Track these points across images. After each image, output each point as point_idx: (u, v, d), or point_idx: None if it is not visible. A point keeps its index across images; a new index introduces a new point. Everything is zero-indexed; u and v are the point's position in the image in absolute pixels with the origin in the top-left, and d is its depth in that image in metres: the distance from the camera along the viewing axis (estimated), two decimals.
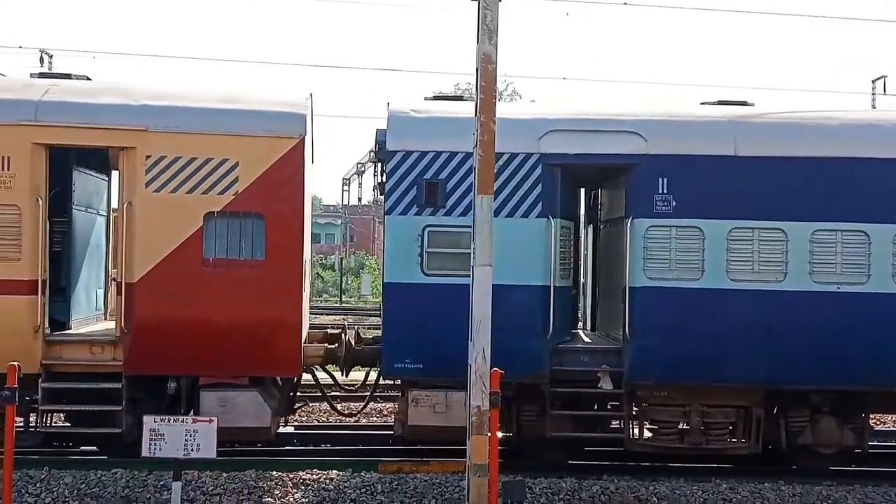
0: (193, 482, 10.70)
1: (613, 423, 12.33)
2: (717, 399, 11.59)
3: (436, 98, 12.83)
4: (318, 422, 16.28)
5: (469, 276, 9.22)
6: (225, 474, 10.96)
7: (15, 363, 9.14)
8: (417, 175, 11.39)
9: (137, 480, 10.76)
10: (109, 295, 13.87)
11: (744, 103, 12.62)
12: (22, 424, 11.41)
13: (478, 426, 8.96)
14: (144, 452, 9.35)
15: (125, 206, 11.08)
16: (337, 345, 12.37)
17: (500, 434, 9.64)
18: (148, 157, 11.03)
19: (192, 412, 11.41)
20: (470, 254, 9.29)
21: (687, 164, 11.41)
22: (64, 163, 12.15)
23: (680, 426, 11.73)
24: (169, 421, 9.44)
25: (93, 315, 13.50)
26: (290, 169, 11.21)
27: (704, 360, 11.33)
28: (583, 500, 10.75)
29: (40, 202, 10.94)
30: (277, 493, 10.57)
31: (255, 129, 11.24)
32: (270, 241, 11.16)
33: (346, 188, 63.45)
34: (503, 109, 11.90)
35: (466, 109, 11.81)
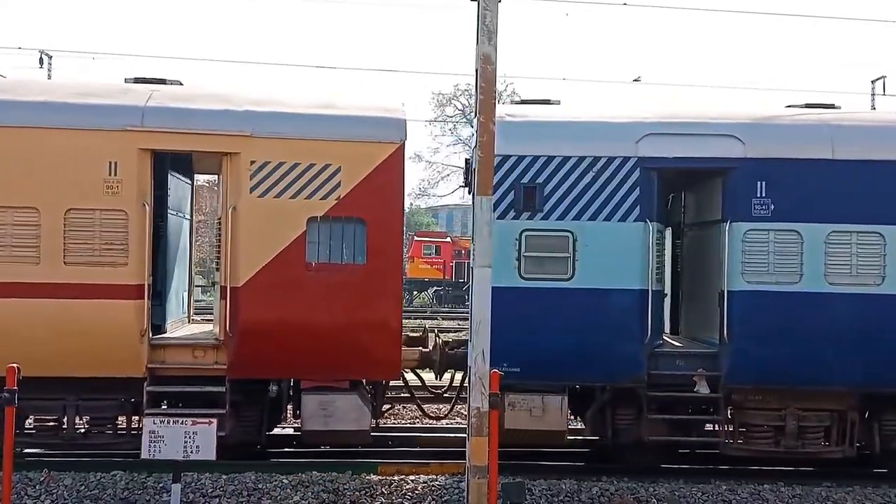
0: (193, 484, 10.70)
1: (707, 426, 12.33)
2: (813, 403, 11.60)
3: (522, 102, 12.82)
4: None
5: (566, 280, 9.51)
6: (224, 476, 10.96)
7: (14, 365, 9.11)
8: (515, 179, 11.44)
9: (137, 482, 10.76)
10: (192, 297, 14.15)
11: (831, 106, 12.65)
12: (124, 427, 11.58)
13: (477, 427, 8.96)
14: (144, 454, 9.34)
15: (230, 211, 11.10)
16: (431, 348, 12.47)
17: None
18: (252, 162, 11.11)
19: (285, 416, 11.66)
20: (568, 258, 9.60)
21: (785, 167, 11.39)
22: (161, 167, 12.20)
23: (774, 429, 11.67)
24: (168, 422, 9.42)
25: (180, 318, 13.61)
26: (390, 174, 11.27)
27: (801, 364, 11.30)
28: (582, 501, 10.74)
29: (146, 207, 10.99)
30: (277, 495, 10.57)
31: (357, 134, 11.30)
32: (371, 245, 11.25)
33: None
34: (600, 112, 12.12)
35: (560, 114, 11.97)
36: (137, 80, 12.07)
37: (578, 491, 10.97)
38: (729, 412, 11.75)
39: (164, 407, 11.46)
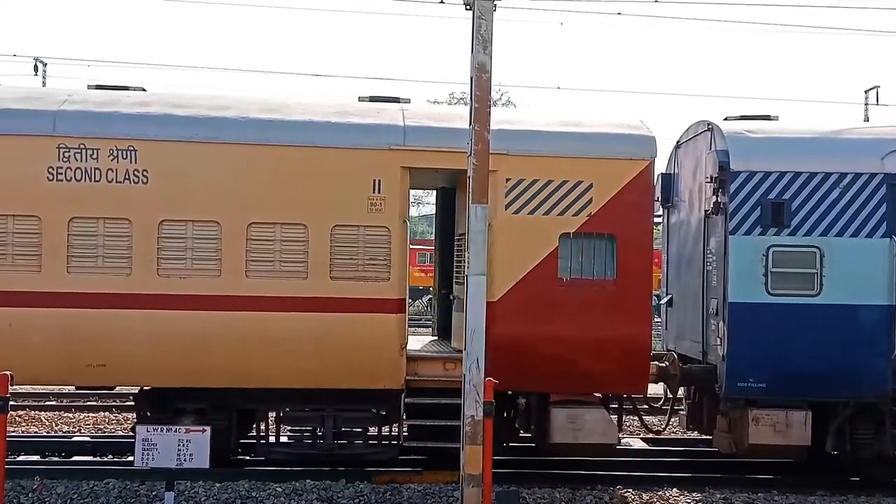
0: (186, 492, 10.67)
1: None
2: None
3: (742, 118, 12.80)
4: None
5: (813, 295, 9.99)
6: (218, 485, 10.94)
7: (8, 373, 9.08)
8: (762, 195, 11.49)
9: (130, 490, 10.73)
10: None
11: None
12: (383, 436, 11.69)
13: (472, 436, 8.96)
14: (137, 462, 9.32)
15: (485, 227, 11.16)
16: (669, 363, 12.51)
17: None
18: (508, 180, 11.23)
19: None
20: (814, 274, 10.06)
21: None
22: None
23: None
24: (162, 430, 9.41)
25: None
26: (640, 190, 11.36)
27: None
28: None
29: (406, 223, 11.25)
30: (270, 503, 10.54)
31: (609, 151, 11.40)
32: (622, 261, 11.30)
33: None
34: (840, 128, 12.31)
35: (802, 129, 12.14)
36: (373, 99, 12.26)
37: (573, 499, 10.96)
38: None
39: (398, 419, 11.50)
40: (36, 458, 13.20)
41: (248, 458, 13.47)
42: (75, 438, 14.22)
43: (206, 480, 10.98)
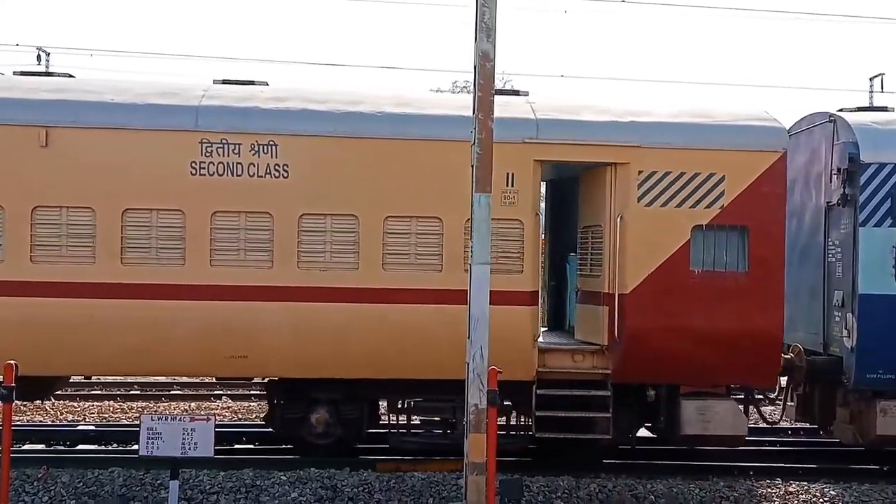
0: (191, 481, 10.70)
1: None
2: None
3: (858, 109, 12.91)
4: None
5: None
6: (222, 473, 10.96)
7: (12, 362, 9.11)
8: (892, 186, 11.56)
9: (135, 479, 10.75)
10: None
11: None
12: (508, 428, 11.79)
13: (475, 424, 8.95)
14: (142, 451, 9.33)
15: (617, 219, 11.26)
16: (795, 355, 12.50)
17: None
18: (640, 172, 11.26)
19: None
20: None
21: None
22: None
23: None
24: (166, 419, 9.43)
25: None
26: (773, 182, 11.34)
27: None
28: (580, 498, 10.76)
29: (539, 216, 11.33)
30: (275, 491, 10.57)
31: (742, 143, 11.40)
32: (753, 253, 11.30)
33: None
34: None
35: None
36: (499, 92, 12.15)
37: (576, 487, 10.98)
38: None
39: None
40: (41, 446, 13.26)
41: (251, 446, 13.56)
42: (80, 427, 14.28)
43: (211, 469, 11.01)
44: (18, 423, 13.67)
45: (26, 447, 13.03)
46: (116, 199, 10.80)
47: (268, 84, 12.02)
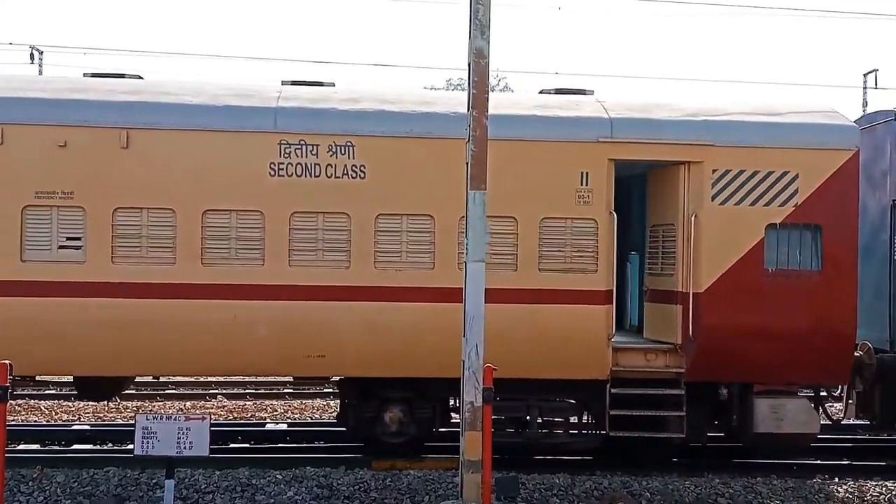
0: (186, 480, 10.68)
1: None
2: None
3: None
4: (311, 418, 16.30)
5: None
6: (218, 472, 10.95)
7: (7, 362, 9.09)
8: None
9: (130, 479, 10.74)
10: None
11: None
12: (579, 427, 11.83)
13: (471, 422, 8.95)
14: (137, 451, 9.32)
15: (692, 218, 11.30)
16: (864, 353, 12.49)
17: None
18: (714, 170, 11.31)
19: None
20: None
21: None
22: None
23: None
24: (162, 419, 9.41)
25: None
26: (846, 180, 11.40)
27: None
28: (576, 495, 10.76)
29: (613, 215, 11.28)
30: (271, 490, 10.56)
31: (815, 142, 11.45)
32: (827, 252, 11.37)
33: None
34: None
35: None
36: (559, 91, 12.29)
37: (572, 485, 10.98)
38: None
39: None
40: (36, 446, 13.24)
41: (247, 445, 13.55)
42: (75, 427, 14.25)
43: (207, 468, 11.00)
44: (13, 423, 13.65)
45: (21, 447, 13.00)
46: (196, 201, 10.86)
47: (335, 85, 12.08)
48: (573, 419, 11.93)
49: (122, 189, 10.79)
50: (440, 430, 12.07)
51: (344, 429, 12.61)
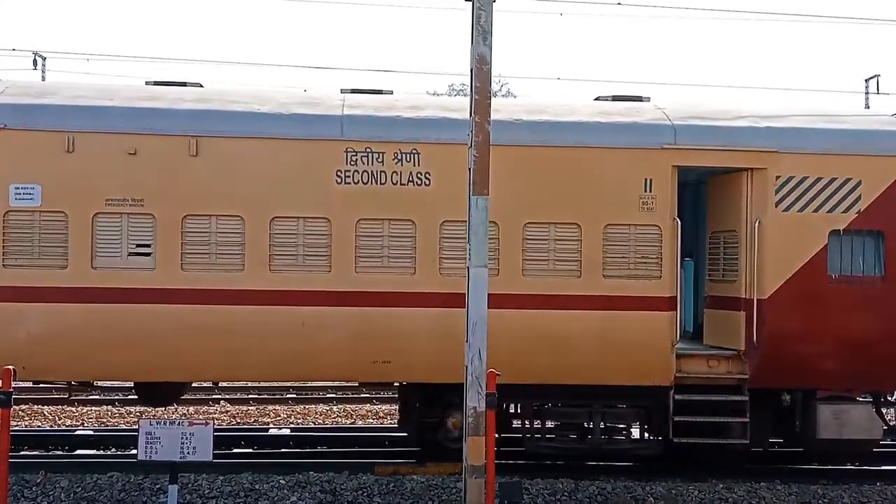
0: (190, 485, 10.69)
1: None
2: None
3: None
4: (314, 424, 16.30)
5: None
6: (221, 477, 10.95)
7: (10, 367, 9.10)
8: None
9: (133, 484, 10.75)
10: None
11: None
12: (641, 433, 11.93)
13: (474, 427, 8.96)
14: (140, 456, 9.32)
15: (755, 224, 11.29)
16: None
17: None
18: (778, 177, 11.32)
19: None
20: None
21: None
22: None
23: None
24: (165, 424, 9.41)
25: None
26: None
27: None
28: (580, 500, 10.75)
29: (677, 221, 11.29)
30: (274, 495, 10.56)
31: (878, 148, 11.49)
32: (889, 258, 11.40)
33: None
34: None
35: None
36: (617, 98, 12.35)
37: (576, 490, 10.98)
38: None
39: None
40: (39, 452, 13.25)
41: (250, 450, 13.56)
42: (78, 432, 14.28)
43: (210, 473, 11.00)
44: (16, 428, 13.66)
45: (24, 452, 13.01)
46: (264, 208, 10.91)
47: (392, 92, 12.16)
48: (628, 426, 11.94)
49: (192, 196, 10.85)
50: (502, 435, 12.03)
51: (405, 434, 12.67)
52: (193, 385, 19.06)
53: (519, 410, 11.93)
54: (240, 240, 10.88)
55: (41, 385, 16.79)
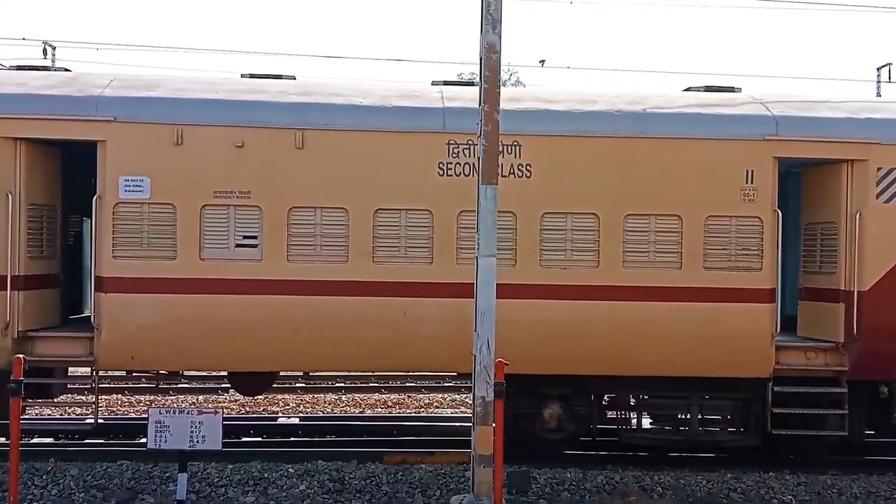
0: (199, 474, 10.73)
1: None
2: None
3: None
4: (323, 413, 16.33)
5: None
6: (230, 466, 11.00)
7: (20, 356, 9.14)
8: None
9: (143, 472, 10.79)
10: None
11: None
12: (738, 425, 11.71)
13: (482, 417, 8.96)
14: (150, 444, 9.36)
15: (855, 216, 11.26)
16: None
17: None
18: (879, 168, 11.29)
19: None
20: None
21: None
22: None
23: None
24: (174, 413, 9.45)
25: None
26: None
27: None
28: (587, 490, 10.76)
29: (777, 213, 11.25)
30: (283, 484, 10.60)
31: None
32: None
33: None
34: None
35: None
36: (707, 88, 12.33)
37: (583, 480, 10.98)
38: None
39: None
40: (49, 440, 13.31)
41: (259, 438, 13.60)
42: (88, 420, 14.32)
43: (219, 462, 11.04)
44: (27, 417, 13.72)
45: (35, 441, 13.07)
46: (368, 200, 11.00)
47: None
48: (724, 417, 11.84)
49: (297, 189, 10.94)
50: (597, 426, 12.01)
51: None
52: (203, 374, 19.21)
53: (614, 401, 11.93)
54: (343, 231, 10.99)
55: (132, 374, 17.00)
